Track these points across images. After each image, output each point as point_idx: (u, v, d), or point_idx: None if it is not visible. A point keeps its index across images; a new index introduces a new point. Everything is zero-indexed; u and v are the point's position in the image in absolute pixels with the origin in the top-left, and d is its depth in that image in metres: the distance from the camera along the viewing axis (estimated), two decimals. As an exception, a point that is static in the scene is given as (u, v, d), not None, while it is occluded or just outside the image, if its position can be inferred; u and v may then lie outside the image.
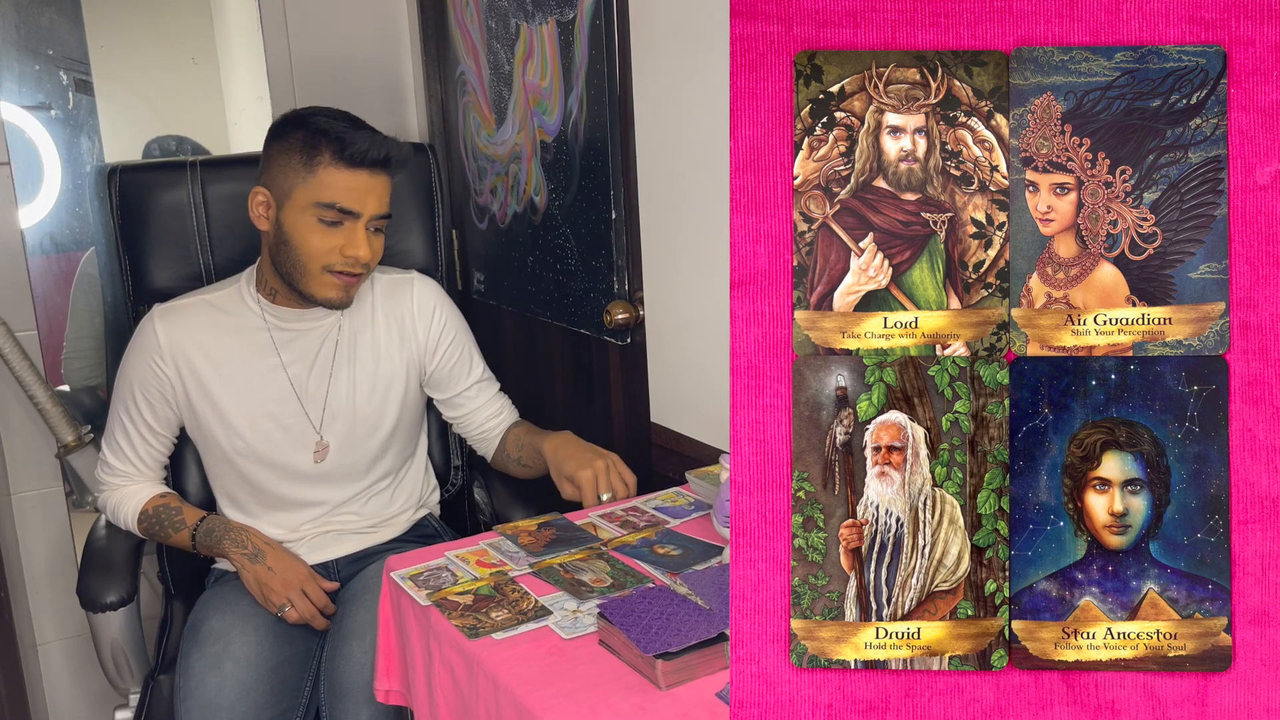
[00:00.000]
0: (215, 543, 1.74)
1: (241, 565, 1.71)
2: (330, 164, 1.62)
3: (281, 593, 1.69)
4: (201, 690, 1.60)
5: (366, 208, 1.65)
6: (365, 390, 1.81)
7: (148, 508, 1.77)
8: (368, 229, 1.67)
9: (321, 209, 1.63)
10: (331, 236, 1.65)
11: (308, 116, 1.66)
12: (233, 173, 2.03)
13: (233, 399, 1.75)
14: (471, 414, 1.92)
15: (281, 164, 1.65)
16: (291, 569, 1.71)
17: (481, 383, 1.93)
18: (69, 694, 2.44)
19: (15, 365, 2.13)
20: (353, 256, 1.65)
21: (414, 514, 1.93)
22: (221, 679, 1.60)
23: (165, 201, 1.95)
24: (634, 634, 1.14)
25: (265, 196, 1.67)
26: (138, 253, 1.95)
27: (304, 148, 1.63)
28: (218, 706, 1.58)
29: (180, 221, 1.96)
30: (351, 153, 1.61)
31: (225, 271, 1.95)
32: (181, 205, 1.96)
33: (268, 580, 1.69)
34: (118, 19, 2.39)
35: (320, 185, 1.62)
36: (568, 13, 1.90)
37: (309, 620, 1.69)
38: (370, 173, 1.64)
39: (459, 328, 1.91)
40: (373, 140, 1.63)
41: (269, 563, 1.70)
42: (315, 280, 1.68)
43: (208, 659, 1.63)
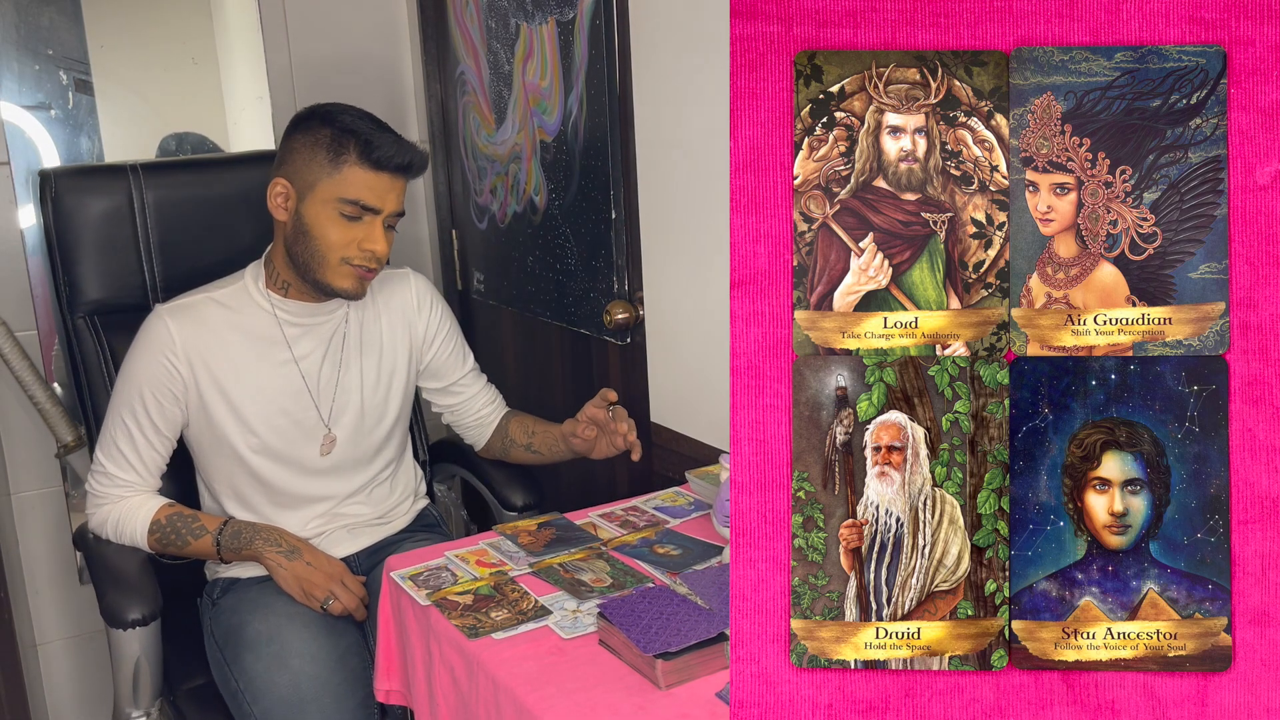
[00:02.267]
0: (245, 544, 1.72)
1: (277, 563, 1.71)
2: (356, 163, 1.65)
3: (324, 585, 1.69)
4: (274, 690, 1.60)
5: (387, 205, 1.69)
6: (372, 381, 1.84)
7: (159, 518, 1.73)
8: (384, 225, 1.70)
9: (344, 204, 1.66)
10: (351, 230, 1.68)
11: (335, 114, 1.69)
12: (178, 178, 1.99)
13: (247, 397, 1.75)
14: (467, 402, 1.96)
15: (306, 157, 1.67)
16: (329, 562, 1.73)
17: (473, 371, 1.98)
18: (69, 694, 2.44)
19: (15, 365, 2.13)
20: (370, 251, 1.69)
21: (413, 504, 1.95)
22: (293, 676, 1.60)
23: (101, 209, 1.90)
24: (634, 634, 1.14)
25: (285, 188, 1.70)
26: (73, 262, 1.90)
27: (331, 144, 1.66)
28: (299, 701, 1.58)
29: (120, 230, 1.91)
30: (378, 156, 1.65)
31: (173, 280, 1.91)
32: (120, 212, 1.91)
33: (309, 575, 1.70)
34: (118, 19, 2.39)
35: (345, 182, 1.66)
36: (568, 13, 1.90)
37: (352, 611, 1.70)
38: (392, 176, 1.68)
39: (451, 319, 1.96)
40: (398, 146, 1.67)
41: (307, 558, 1.71)
42: (333, 271, 1.70)
43: (268, 659, 1.62)
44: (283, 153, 1.71)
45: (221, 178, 2.04)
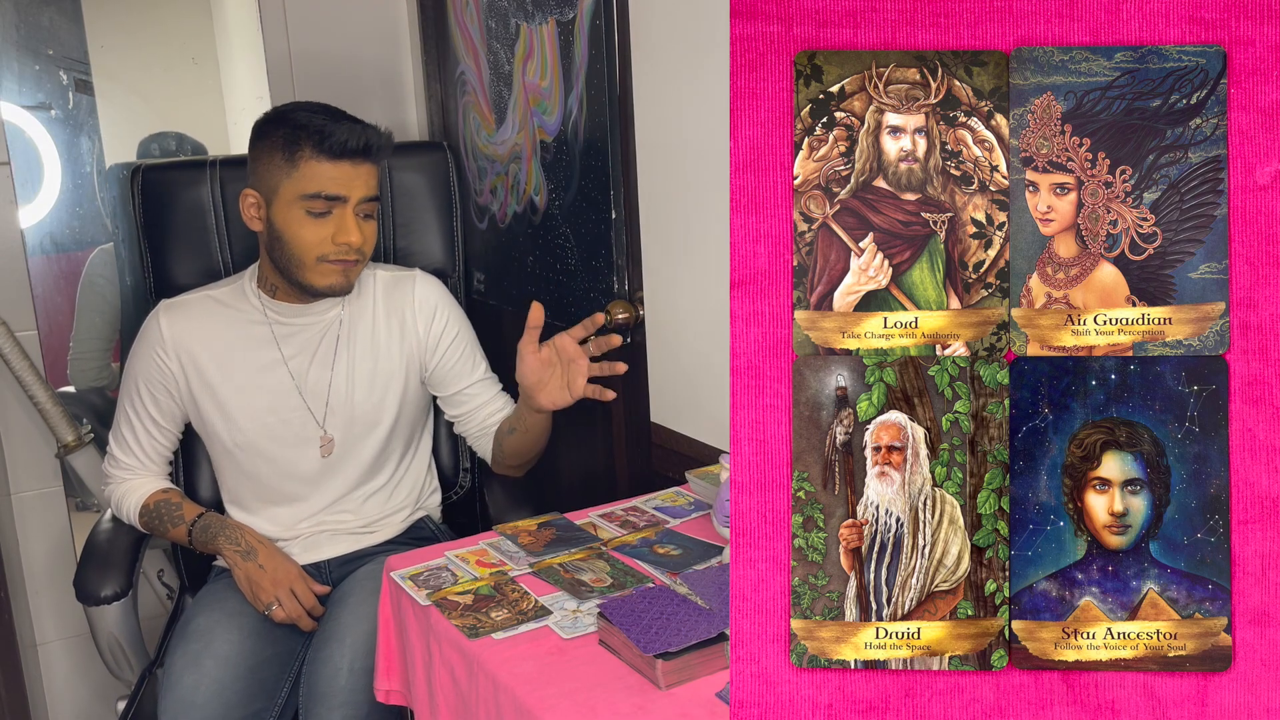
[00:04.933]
0: (210, 539, 1.75)
1: (234, 562, 1.73)
2: (312, 157, 1.64)
3: (270, 590, 1.70)
4: (179, 686, 1.61)
5: (353, 193, 1.67)
6: (364, 385, 1.81)
7: (149, 502, 1.79)
8: (357, 214, 1.68)
9: (308, 200, 1.65)
10: (321, 227, 1.67)
11: (287, 113, 1.68)
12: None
13: (234, 392, 1.76)
14: (473, 412, 1.92)
15: (266, 163, 1.67)
16: (282, 568, 1.72)
17: (484, 380, 1.92)
18: (69, 693, 2.45)
19: (15, 365, 2.13)
20: (344, 243, 1.67)
21: (410, 515, 1.92)
22: (199, 676, 1.61)
23: (186, 199, 1.99)
24: (634, 634, 1.14)
25: (255, 198, 1.70)
26: (160, 250, 1.98)
27: (285, 144, 1.65)
28: (191, 704, 1.59)
29: (200, 219, 1.99)
30: (331, 144, 1.63)
31: (242, 267, 1.96)
32: (202, 203, 1.99)
33: (258, 577, 1.70)
34: (118, 19, 2.39)
35: (303, 178, 1.64)
36: (568, 13, 1.90)
37: (295, 620, 1.70)
38: (352, 162, 1.66)
39: (461, 326, 1.90)
40: (351, 130, 1.65)
41: (260, 560, 1.72)
42: (312, 271, 1.70)
43: (189, 656, 1.64)
44: (249, 162, 1.72)
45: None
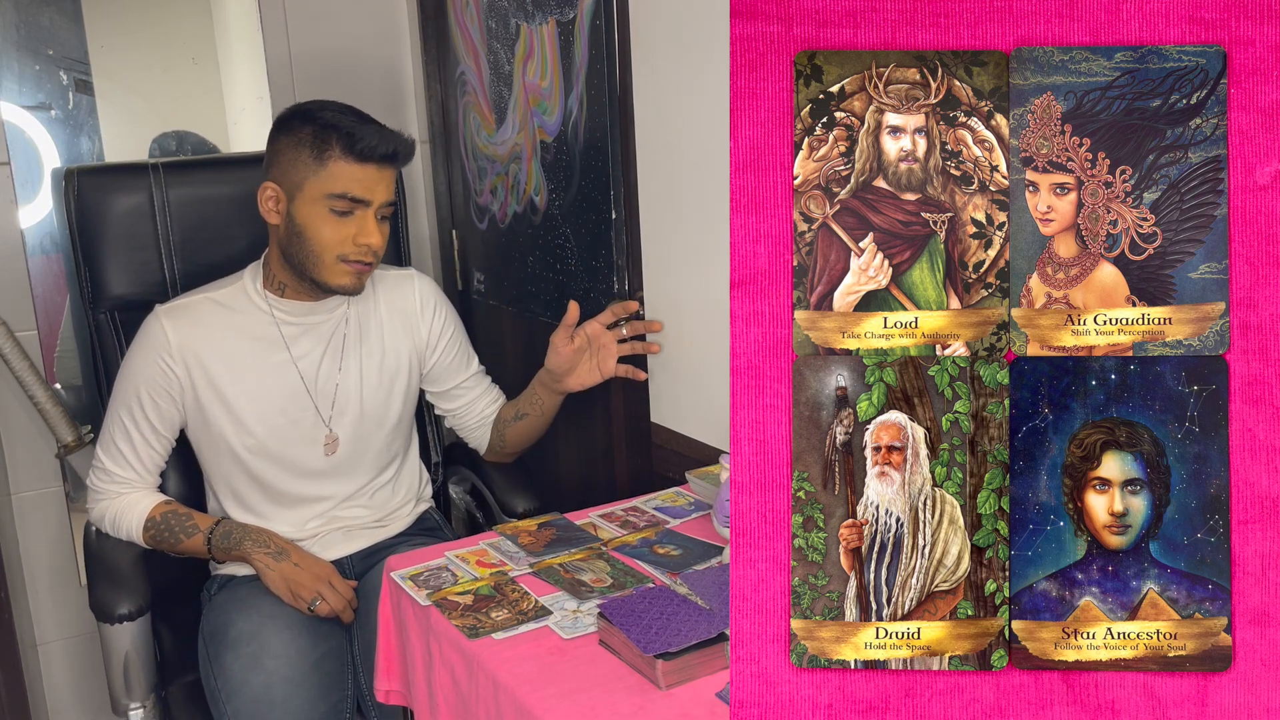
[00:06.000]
0: (234, 545, 1.73)
1: (266, 564, 1.72)
2: (340, 158, 1.65)
3: (311, 586, 1.70)
4: (247, 689, 1.60)
5: (376, 196, 1.68)
6: (373, 382, 1.83)
7: (154, 515, 1.75)
8: (376, 217, 1.70)
9: (333, 199, 1.66)
10: (344, 226, 1.68)
11: (315, 111, 1.68)
12: (197, 176, 2.01)
13: (244, 396, 1.75)
14: (469, 405, 1.95)
15: (290, 158, 1.67)
16: (317, 564, 1.73)
17: (478, 374, 1.97)
18: (69, 694, 2.44)
19: (15, 365, 2.13)
20: (365, 245, 1.69)
21: (415, 507, 1.95)
22: (267, 677, 1.60)
23: (124, 206, 1.92)
24: (634, 634, 1.14)
25: (275, 191, 1.69)
26: (95, 259, 1.92)
27: (314, 142, 1.65)
28: (270, 703, 1.58)
29: (141, 226, 1.93)
30: (361, 148, 1.65)
31: (191, 277, 1.92)
32: (143, 209, 1.93)
33: (296, 576, 1.70)
34: (118, 19, 2.39)
35: (331, 178, 1.65)
36: (568, 13, 1.90)
37: (339, 613, 1.71)
38: (379, 167, 1.68)
39: (456, 322, 1.94)
40: (381, 135, 1.67)
41: (294, 559, 1.72)
42: (329, 269, 1.70)
43: (246, 659, 1.63)
44: (269, 156, 1.71)
45: (241, 175, 2.05)
